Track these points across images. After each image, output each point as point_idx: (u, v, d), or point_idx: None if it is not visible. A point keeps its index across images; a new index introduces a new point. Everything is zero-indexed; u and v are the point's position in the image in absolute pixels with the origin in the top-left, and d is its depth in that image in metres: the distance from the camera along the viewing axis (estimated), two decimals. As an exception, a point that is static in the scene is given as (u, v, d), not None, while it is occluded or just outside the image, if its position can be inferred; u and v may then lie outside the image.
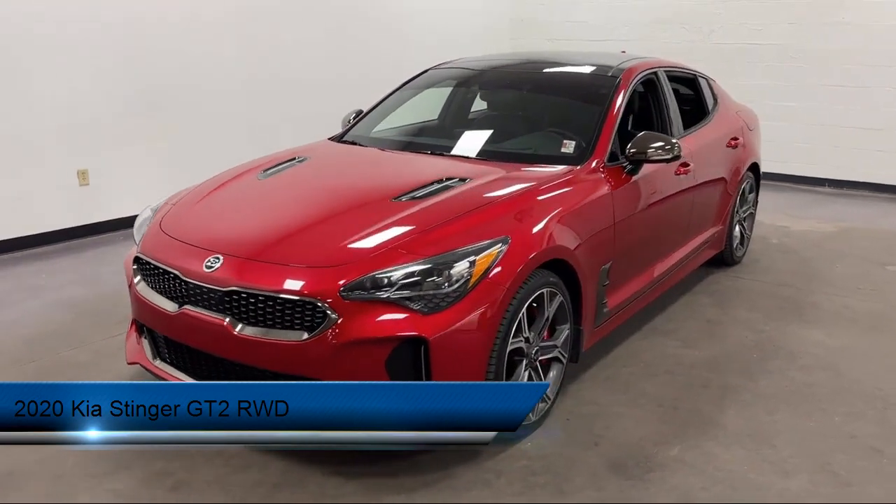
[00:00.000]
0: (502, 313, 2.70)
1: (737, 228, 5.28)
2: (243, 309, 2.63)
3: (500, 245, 2.74)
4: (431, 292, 2.57)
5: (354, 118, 4.33)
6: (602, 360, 3.74)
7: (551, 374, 3.17)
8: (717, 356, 3.83)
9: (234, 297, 2.64)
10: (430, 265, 2.60)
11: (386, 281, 2.55)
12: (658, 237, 3.99)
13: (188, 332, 2.79)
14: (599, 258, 3.36)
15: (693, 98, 5.01)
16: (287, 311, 2.58)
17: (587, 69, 4.15)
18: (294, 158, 3.67)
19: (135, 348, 3.16)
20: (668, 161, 3.62)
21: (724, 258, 5.22)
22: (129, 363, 3.16)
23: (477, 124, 4.22)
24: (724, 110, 5.12)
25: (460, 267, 2.62)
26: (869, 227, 6.48)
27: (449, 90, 4.40)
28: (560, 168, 3.41)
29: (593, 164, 3.48)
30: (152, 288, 2.97)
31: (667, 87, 4.37)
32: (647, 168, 3.73)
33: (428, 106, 4.47)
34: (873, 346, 4.00)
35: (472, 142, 3.87)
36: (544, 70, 4.24)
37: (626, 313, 3.83)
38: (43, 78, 5.33)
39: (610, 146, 3.61)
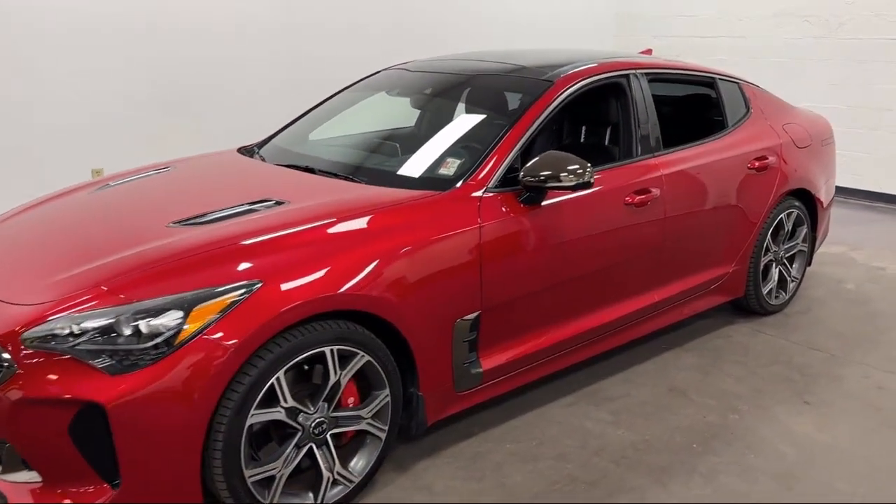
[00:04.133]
0: (227, 380, 2.15)
1: (773, 270, 4.22)
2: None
3: (238, 291, 2.19)
4: (126, 347, 2.09)
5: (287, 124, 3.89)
6: (489, 431, 3.04)
7: (360, 452, 2.55)
8: (646, 442, 2.98)
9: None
10: (127, 313, 2.11)
11: (74, 328, 2.10)
12: (587, 282, 3.18)
13: None
14: (453, 308, 2.68)
15: (708, 106, 4.05)
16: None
17: (526, 73, 3.40)
18: (153, 171, 3.30)
19: None
20: (570, 188, 2.84)
21: (748, 306, 4.19)
22: None
23: (385, 137, 3.62)
24: (756, 122, 4.08)
25: (167, 318, 2.11)
26: None
27: (387, 96, 3.82)
28: (417, 193, 2.76)
29: (465, 190, 2.80)
30: None
31: (642, 95, 3.50)
32: (562, 196, 2.97)
33: (380, 112, 3.93)
34: (874, 450, 2.94)
35: (356, 158, 3.31)
36: (483, 74, 3.53)
37: (532, 374, 3.08)
38: (56, 76, 5.39)
39: (502, 169, 2.89)
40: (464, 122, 3.28)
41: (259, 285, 2.22)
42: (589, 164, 2.86)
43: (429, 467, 2.79)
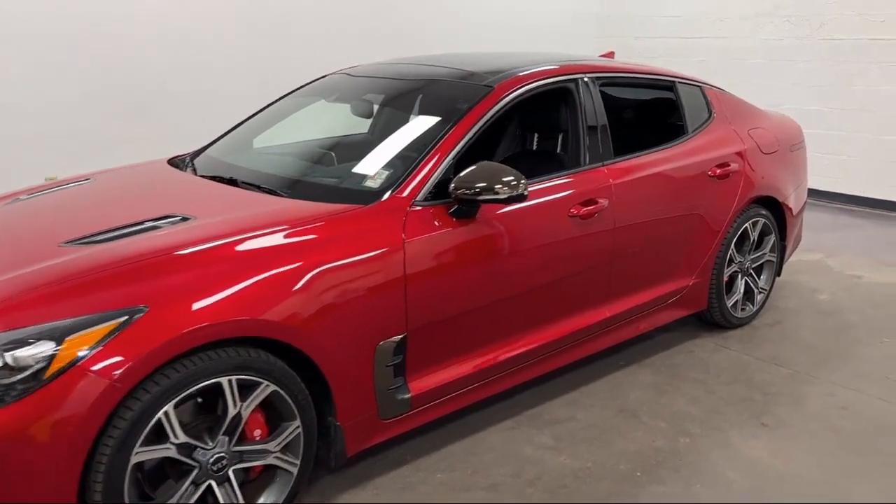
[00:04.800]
0: (105, 416, 1.97)
1: (739, 282, 4.04)
2: None
3: (120, 319, 2.01)
4: (-11, 382, 1.91)
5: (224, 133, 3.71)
6: (423, 459, 2.85)
7: (269, 488, 2.37)
8: (587, 470, 2.79)
9: None
10: (-12, 345, 1.93)
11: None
12: (527, 299, 3.00)
13: None
14: (374, 331, 2.50)
15: (666, 111, 3.87)
16: None
17: (467, 78, 3.21)
18: (70, 184, 3.13)
19: None
20: (503, 201, 2.66)
21: (713, 320, 4.01)
22: None
23: (321, 146, 3.43)
24: (719, 128, 3.90)
25: (36, 349, 1.93)
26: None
27: (326, 103, 3.64)
28: (338, 207, 2.59)
29: (390, 203, 2.62)
30: None
31: (592, 100, 3.32)
32: (499, 209, 2.80)
33: (319, 119, 3.75)
34: (829, 477, 2.75)
35: (285, 169, 3.13)
36: (423, 80, 3.34)
37: (468, 397, 2.90)
38: (6, 80, 5.22)
39: (433, 180, 2.71)
40: (398, 130, 3.10)
41: (143, 312, 2.04)
42: (523, 177, 2.69)
43: (352, 499, 2.61)
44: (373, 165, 2.85)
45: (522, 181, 2.67)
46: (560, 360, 3.28)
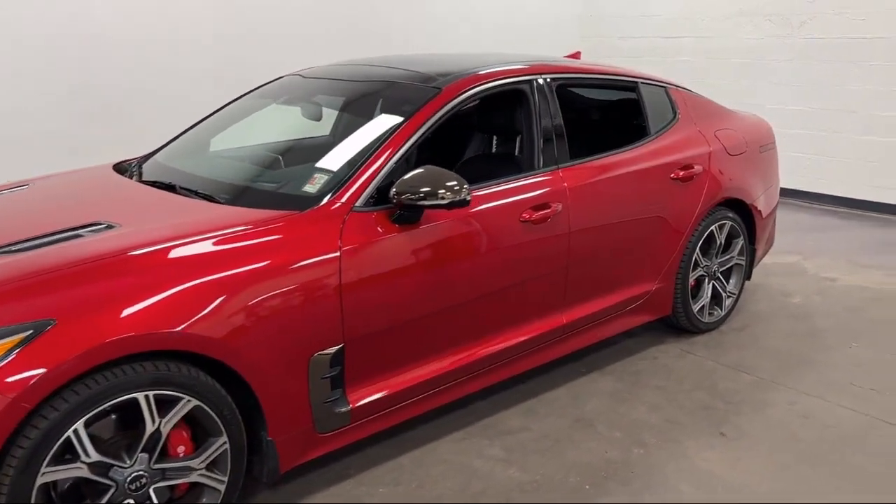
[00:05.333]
0: (6, 435, 1.89)
1: (706, 286, 3.95)
2: None
3: (24, 332, 1.93)
4: None
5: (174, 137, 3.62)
6: (368, 472, 2.77)
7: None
8: (535, 483, 2.71)
9: None
10: None
11: None
12: (477, 306, 2.91)
13: None
14: (308, 342, 2.41)
15: (628, 113, 3.79)
16: None
17: (417, 80, 3.12)
18: (6, 190, 3.04)
19: None
20: (445, 207, 2.58)
21: (679, 325, 3.93)
22: None
23: (270, 150, 3.35)
24: (683, 129, 3.82)
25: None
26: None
27: (277, 105, 3.55)
28: (273, 214, 2.50)
29: (327, 208, 2.53)
30: None
31: (547, 102, 3.24)
32: (446, 215, 2.71)
33: (270, 122, 3.66)
34: (783, 490, 2.67)
35: (227, 174, 3.04)
36: (373, 82, 3.26)
37: (415, 408, 2.82)
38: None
39: (373, 185, 2.63)
40: (344, 133, 3.02)
41: (51, 325, 1.95)
42: (466, 182, 2.61)
43: (286, 518, 2.53)
44: (313, 170, 2.76)
45: (465, 186, 2.59)
46: (516, 368, 3.20)
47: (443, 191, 2.56)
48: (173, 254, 2.24)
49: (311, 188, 2.66)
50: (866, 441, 2.99)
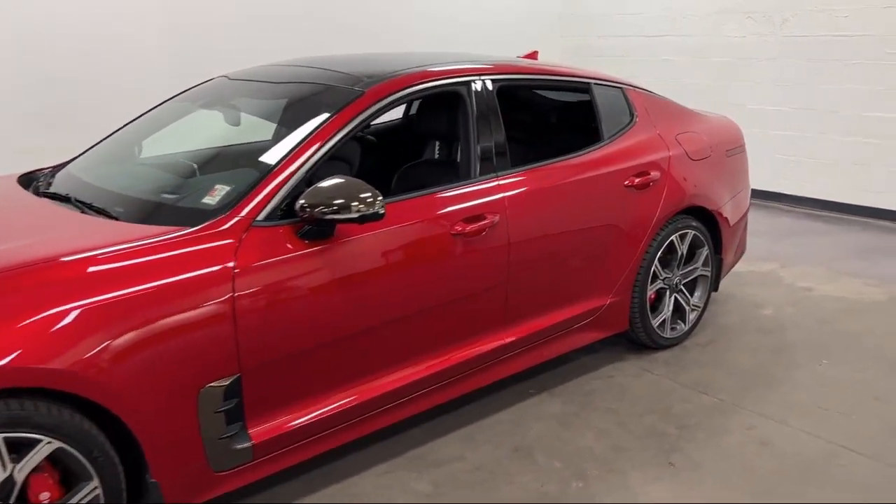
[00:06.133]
0: None
1: (667, 299, 3.72)
2: None
3: None
4: None
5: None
6: (278, 509, 2.54)
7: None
8: (460, 521, 2.48)
9: None
10: None
11: None
12: (401, 327, 2.68)
13: None
14: (196, 373, 2.18)
15: (580, 116, 3.55)
16: None
17: (341, 82, 2.88)
18: None
19: None
20: (355, 221, 2.35)
21: (639, 340, 3.69)
22: None
23: (187, 158, 3.09)
24: (640, 133, 3.58)
25: None
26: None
27: (201, 110, 3.30)
28: (161, 230, 2.27)
29: (221, 224, 2.30)
30: None
31: (486, 105, 3.00)
32: (357, 229, 2.48)
33: (193, 127, 3.42)
34: (735, 533, 2.43)
35: (129, 185, 2.80)
36: (297, 85, 3.02)
37: (332, 440, 2.58)
38: None
39: (279, 196, 2.40)
40: (254, 140, 2.79)
41: None
42: (380, 194, 2.38)
43: (180, 564, 2.29)
44: (217, 180, 2.53)
45: (379, 199, 2.36)
46: (453, 392, 2.97)
47: (356, 203, 2.34)
48: (36, 278, 2.01)
49: (210, 200, 2.43)
50: (828, 472, 2.76)
